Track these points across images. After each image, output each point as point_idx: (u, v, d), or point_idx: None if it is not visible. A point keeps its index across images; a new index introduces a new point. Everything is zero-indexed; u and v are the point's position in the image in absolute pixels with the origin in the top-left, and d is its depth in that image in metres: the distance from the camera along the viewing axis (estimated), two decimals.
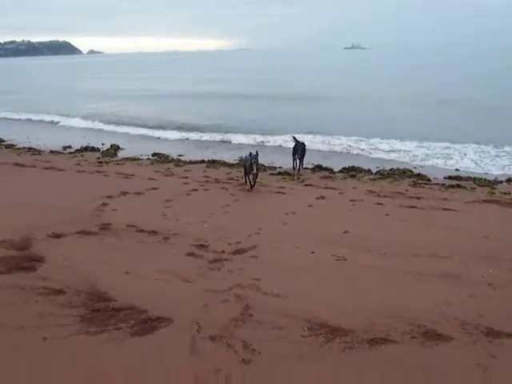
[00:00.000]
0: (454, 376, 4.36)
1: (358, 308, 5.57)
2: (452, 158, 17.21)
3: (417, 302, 5.76)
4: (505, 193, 12.37)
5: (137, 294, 5.78)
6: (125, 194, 10.91)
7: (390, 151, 18.43)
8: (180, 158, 16.70)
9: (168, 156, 16.78)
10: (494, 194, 12.27)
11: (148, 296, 5.73)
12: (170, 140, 21.73)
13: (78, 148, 18.22)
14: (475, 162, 16.64)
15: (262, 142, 20.30)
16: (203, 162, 15.62)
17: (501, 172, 15.15)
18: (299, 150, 14.75)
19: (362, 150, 18.82)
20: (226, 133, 22.09)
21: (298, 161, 14.85)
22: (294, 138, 15.77)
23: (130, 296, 5.69)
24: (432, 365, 4.50)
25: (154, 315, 5.27)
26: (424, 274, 6.55)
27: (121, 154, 17.54)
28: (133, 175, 13.36)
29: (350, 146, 19.28)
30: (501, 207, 10.94)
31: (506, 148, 18.11)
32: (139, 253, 7.26)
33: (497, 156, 17.37)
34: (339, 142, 19.94)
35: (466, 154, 17.66)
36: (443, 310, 5.55)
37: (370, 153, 18.35)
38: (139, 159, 16.18)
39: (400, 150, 18.44)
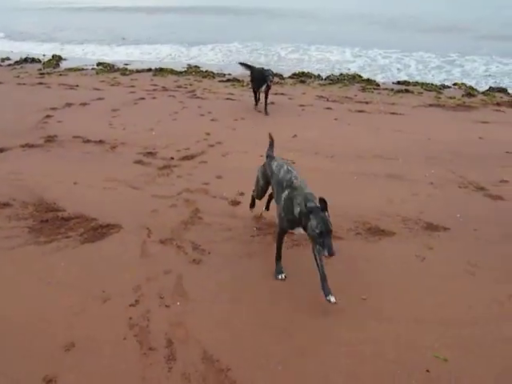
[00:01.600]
0: (394, 266, 4.62)
1: None
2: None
3: (361, 201, 5.97)
4: (450, 97, 12.63)
5: (85, 203, 5.75)
6: (69, 105, 10.58)
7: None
8: (126, 67, 16.06)
9: (114, 65, 16.11)
10: (440, 98, 12.52)
11: (97, 204, 5.71)
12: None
13: (18, 60, 17.19)
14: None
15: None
16: (150, 70, 15.08)
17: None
18: (257, 79, 10.59)
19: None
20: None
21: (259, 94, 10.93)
22: (245, 64, 11.44)
23: (79, 205, 5.66)
24: (375, 257, 4.76)
25: (103, 222, 5.29)
26: (369, 175, 6.75)
27: (63, 65, 16.69)
28: (77, 86, 12.85)
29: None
30: (445, 111, 11.22)
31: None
32: (86, 163, 7.13)
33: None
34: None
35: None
36: (387, 207, 5.80)
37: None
38: (83, 69, 15.48)
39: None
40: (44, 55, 18.26)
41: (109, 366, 3.33)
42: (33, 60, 17.09)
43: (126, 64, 16.56)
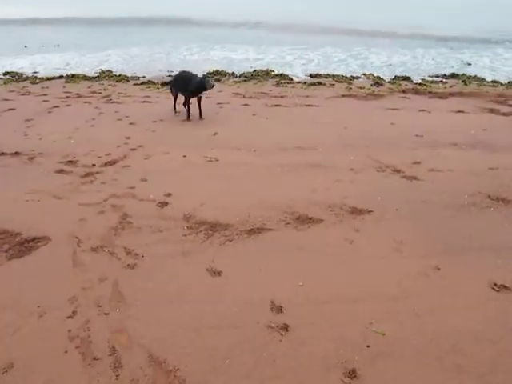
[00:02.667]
0: (326, 251, 4.83)
1: (233, 203, 5.83)
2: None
3: (287, 191, 6.16)
4: (360, 87, 13.25)
5: (8, 217, 5.51)
6: None
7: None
8: (36, 74, 15.45)
9: (22, 74, 15.44)
10: (351, 89, 13.13)
11: (20, 218, 5.50)
12: None
13: None
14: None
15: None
16: (61, 77, 14.60)
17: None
18: (180, 84, 10.06)
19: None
20: None
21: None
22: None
23: (1, 221, 5.43)
24: (306, 244, 4.94)
25: (29, 236, 5.10)
26: (292, 166, 6.96)
27: None
28: None
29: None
30: (357, 100, 11.80)
31: None
32: (4, 176, 6.84)
33: None
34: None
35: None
36: (312, 196, 6.02)
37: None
38: None
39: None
40: None
41: (53, 382, 3.27)
42: None
43: (35, 72, 15.92)
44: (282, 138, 8.32)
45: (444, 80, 15.07)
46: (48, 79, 14.50)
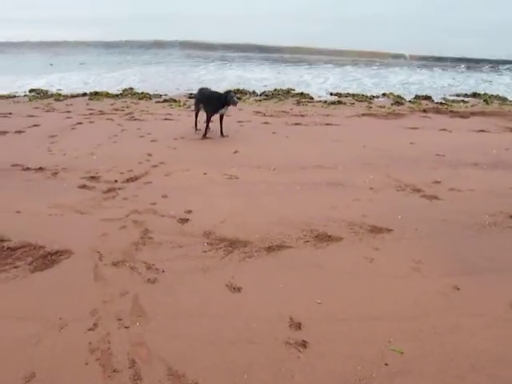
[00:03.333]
0: (345, 269, 4.85)
1: (253, 220, 5.89)
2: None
3: (307, 209, 6.20)
4: (380, 106, 13.29)
5: (31, 231, 5.62)
6: (4, 133, 10.29)
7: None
8: (60, 92, 15.79)
9: (47, 91, 15.80)
10: (371, 108, 13.17)
11: (43, 232, 5.60)
12: None
13: None
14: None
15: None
16: (85, 94, 14.92)
17: None
18: (202, 100, 10.15)
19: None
20: None
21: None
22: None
23: (25, 234, 5.53)
24: (325, 262, 4.97)
25: (52, 249, 5.19)
26: (311, 184, 7.00)
27: None
28: (10, 113, 12.51)
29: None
30: (377, 119, 11.83)
31: None
32: (28, 191, 6.98)
33: None
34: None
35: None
36: (331, 214, 6.04)
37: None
38: (15, 96, 15.10)
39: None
40: None
41: None
42: None
43: (59, 89, 16.28)
44: (302, 156, 8.39)
45: (465, 99, 15.03)
46: (72, 96, 14.83)
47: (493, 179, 7.52)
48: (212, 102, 9.72)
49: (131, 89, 15.77)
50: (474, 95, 15.43)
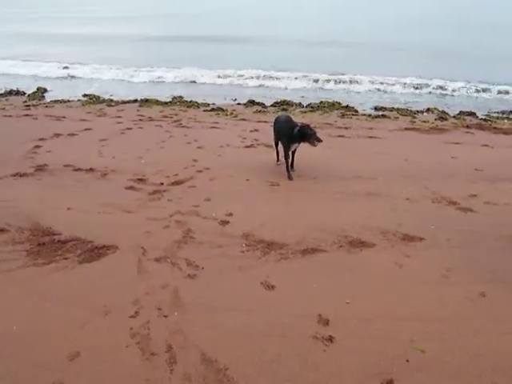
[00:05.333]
0: (375, 273, 5.02)
1: (290, 225, 6.08)
2: None
3: (343, 217, 6.36)
4: (424, 121, 13.27)
5: (80, 227, 5.97)
6: (57, 135, 10.74)
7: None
8: (111, 98, 16.39)
9: (99, 97, 16.40)
10: (414, 122, 13.16)
11: (92, 228, 5.95)
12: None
13: (2, 92, 17.41)
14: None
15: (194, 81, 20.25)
16: (136, 101, 15.39)
17: None
18: (281, 132, 8.32)
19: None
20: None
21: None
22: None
23: (74, 229, 5.89)
24: (357, 266, 5.16)
25: (99, 244, 5.52)
26: (350, 194, 7.12)
27: (48, 97, 16.97)
28: (64, 117, 13.06)
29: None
30: (420, 134, 11.83)
31: None
32: (78, 190, 7.37)
33: None
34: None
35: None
36: (367, 222, 6.17)
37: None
38: (69, 101, 15.74)
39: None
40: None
41: (114, 371, 3.59)
42: (17, 92, 17.21)
43: (111, 95, 16.88)
44: (343, 167, 8.50)
45: (510, 116, 14.82)
46: (123, 102, 15.32)
47: None
48: (287, 134, 8.04)
49: (180, 97, 16.20)
50: None
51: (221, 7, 62.42)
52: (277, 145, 8.75)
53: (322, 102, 15.59)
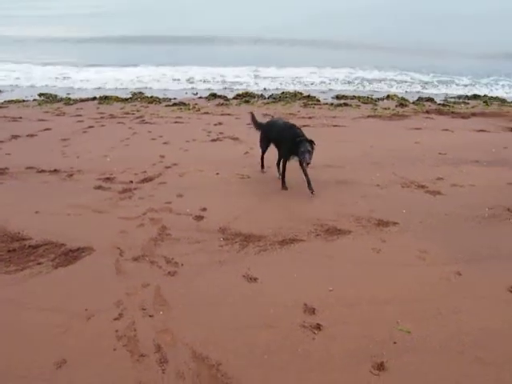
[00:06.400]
0: (354, 259, 5.14)
1: (266, 217, 6.13)
2: None
3: (317, 206, 6.47)
4: (385, 108, 13.54)
5: (51, 230, 5.83)
6: (16, 137, 10.42)
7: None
8: (69, 96, 16.01)
9: (56, 96, 15.98)
10: (376, 109, 13.44)
11: (63, 230, 5.81)
12: None
13: None
14: None
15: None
16: (95, 98, 15.09)
17: None
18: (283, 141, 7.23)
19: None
20: None
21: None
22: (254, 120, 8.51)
23: (45, 233, 5.74)
24: (335, 253, 5.26)
25: (73, 247, 5.40)
26: (321, 182, 7.18)
27: (2, 97, 16.40)
28: (21, 118, 12.66)
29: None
30: (382, 121, 12.09)
31: None
32: (45, 192, 7.18)
33: None
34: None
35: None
36: (340, 210, 6.28)
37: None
38: (24, 101, 15.28)
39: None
40: None
41: (104, 375, 3.53)
42: None
43: (68, 94, 16.49)
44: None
45: (466, 101, 15.30)
46: (82, 101, 15.00)
47: (492, 175, 7.82)
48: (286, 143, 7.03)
49: (141, 93, 15.99)
50: (475, 97, 15.74)
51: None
52: (264, 151, 7.91)
53: (283, 92, 15.68)
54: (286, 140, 7.04)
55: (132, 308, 4.28)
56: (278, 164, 7.50)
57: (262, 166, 8.02)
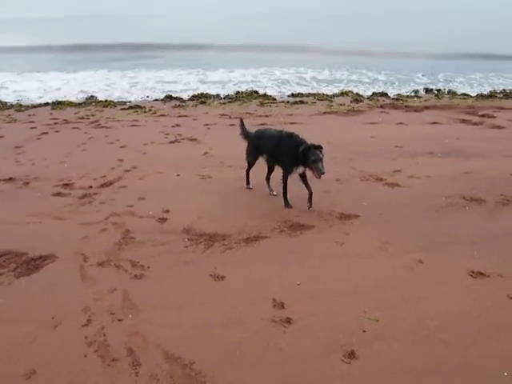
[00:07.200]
0: (319, 253, 5.25)
1: (229, 216, 6.17)
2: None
3: (279, 203, 6.56)
4: (341, 104, 13.79)
5: (11, 239, 5.70)
6: None
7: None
8: (20, 102, 15.61)
9: (6, 102, 15.57)
10: (332, 106, 13.68)
11: (23, 239, 5.68)
12: None
13: None
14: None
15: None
16: (47, 104, 14.79)
17: None
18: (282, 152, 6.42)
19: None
20: None
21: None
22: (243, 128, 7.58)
23: (4, 242, 5.60)
24: (300, 248, 5.37)
25: (35, 255, 5.29)
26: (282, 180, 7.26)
27: None
28: None
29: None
30: (338, 117, 12.33)
31: None
32: (1, 201, 7.01)
33: None
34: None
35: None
36: (303, 205, 6.42)
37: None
38: None
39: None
40: None
41: (77, 383, 3.48)
42: None
43: (19, 100, 16.07)
44: None
45: (418, 95, 15.76)
46: (34, 107, 14.68)
47: (447, 166, 8.15)
48: (289, 154, 6.24)
49: (93, 97, 15.73)
50: (427, 91, 16.23)
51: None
52: (251, 165, 7.20)
53: (238, 92, 15.74)
54: (286, 151, 6.23)
55: (100, 313, 4.24)
56: (268, 178, 7.00)
57: (248, 181, 7.25)
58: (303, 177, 6.40)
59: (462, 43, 26.26)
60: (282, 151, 6.33)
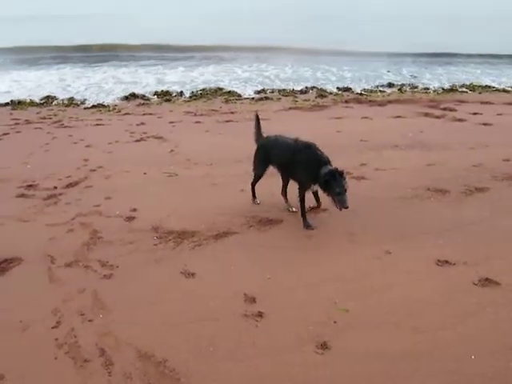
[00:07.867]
0: (287, 246, 5.34)
1: (197, 212, 6.15)
2: None
3: (247, 198, 6.55)
4: (305, 100, 13.90)
5: None
6: None
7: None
8: None
9: None
10: (297, 101, 13.78)
11: None
12: None
13: None
14: None
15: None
16: (7, 104, 14.35)
17: None
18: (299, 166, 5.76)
19: None
20: None
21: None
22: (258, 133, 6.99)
23: None
24: (269, 242, 5.42)
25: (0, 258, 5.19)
26: (248, 176, 7.21)
27: None
28: None
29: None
30: (303, 112, 12.43)
31: None
32: None
33: None
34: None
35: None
36: (271, 200, 6.47)
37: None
38: None
39: None
40: None
41: None
42: None
43: None
44: (236, 150, 8.62)
45: (382, 89, 16.00)
46: None
47: (411, 158, 8.29)
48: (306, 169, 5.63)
49: (55, 97, 15.33)
50: (390, 85, 16.49)
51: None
52: (259, 177, 6.35)
53: (204, 89, 15.67)
54: (304, 166, 5.62)
55: (70, 314, 4.19)
56: (285, 193, 6.27)
57: (254, 195, 6.45)
58: (316, 195, 6.01)
59: (427, 41, 26.65)
60: (298, 165, 5.68)
